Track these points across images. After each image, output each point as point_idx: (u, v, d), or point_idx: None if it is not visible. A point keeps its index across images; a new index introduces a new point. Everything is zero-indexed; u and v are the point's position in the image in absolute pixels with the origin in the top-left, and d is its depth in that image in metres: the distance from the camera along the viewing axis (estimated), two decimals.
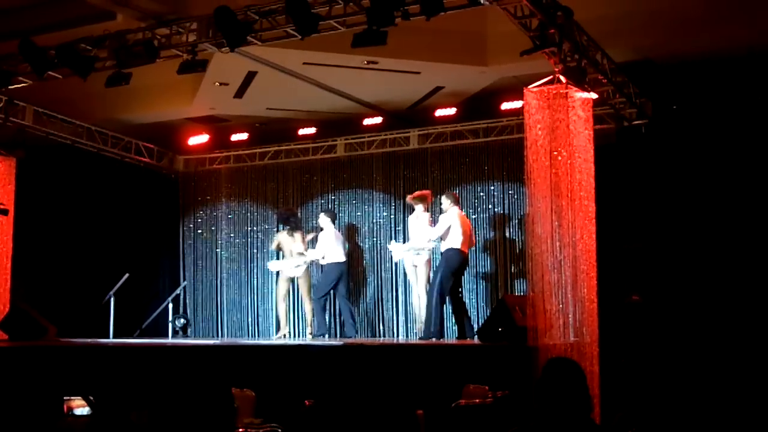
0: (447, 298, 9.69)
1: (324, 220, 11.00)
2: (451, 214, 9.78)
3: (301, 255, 10.81)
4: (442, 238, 9.79)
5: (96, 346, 9.43)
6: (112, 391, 7.31)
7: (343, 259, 10.82)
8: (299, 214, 11.62)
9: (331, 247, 10.77)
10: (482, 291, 11.03)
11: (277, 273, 11.30)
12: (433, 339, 9.40)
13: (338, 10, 7.45)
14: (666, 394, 7.70)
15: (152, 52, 8.15)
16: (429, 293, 9.80)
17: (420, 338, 10.09)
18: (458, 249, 9.63)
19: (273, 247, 11.31)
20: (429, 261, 10.29)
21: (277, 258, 11.32)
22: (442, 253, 9.74)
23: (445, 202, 10.02)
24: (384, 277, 11.58)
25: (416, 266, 10.28)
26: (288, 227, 11.04)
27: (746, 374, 8.23)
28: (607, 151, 8.82)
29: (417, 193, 10.49)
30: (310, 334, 10.89)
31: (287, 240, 10.97)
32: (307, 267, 10.93)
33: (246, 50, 8.78)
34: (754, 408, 7.53)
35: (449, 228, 9.65)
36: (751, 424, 7.34)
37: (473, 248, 11.03)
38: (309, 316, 10.96)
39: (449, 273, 9.61)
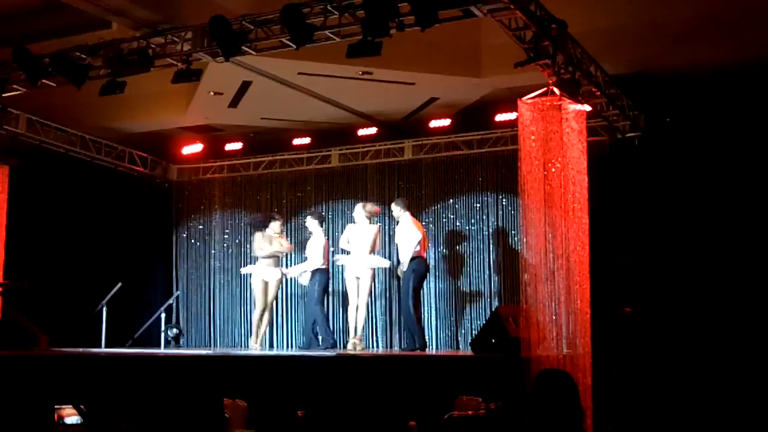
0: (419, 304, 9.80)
1: (312, 223, 10.56)
2: (407, 221, 9.77)
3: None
4: (401, 247, 9.75)
5: (88, 355, 9.39)
6: (104, 401, 7.28)
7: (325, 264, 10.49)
8: (289, 223, 11.53)
9: (323, 252, 10.36)
10: (475, 302, 11.01)
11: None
12: (418, 350, 9.41)
13: (333, 21, 7.45)
14: (658, 406, 7.70)
15: (147, 61, 8.16)
16: (405, 305, 9.72)
17: (403, 349, 10.06)
18: (421, 256, 9.66)
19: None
20: (374, 274, 10.18)
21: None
22: (407, 263, 9.64)
23: (396, 209, 9.93)
24: (376, 288, 11.49)
25: (359, 278, 9.96)
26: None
27: (739, 384, 8.23)
28: (601, 163, 8.87)
29: (377, 208, 10.36)
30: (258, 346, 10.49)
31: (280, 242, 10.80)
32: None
33: (241, 60, 8.78)
34: (747, 417, 7.52)
35: (410, 236, 9.64)
36: None
37: (467, 259, 11.08)
38: (263, 328, 10.59)
39: (419, 280, 9.65)
